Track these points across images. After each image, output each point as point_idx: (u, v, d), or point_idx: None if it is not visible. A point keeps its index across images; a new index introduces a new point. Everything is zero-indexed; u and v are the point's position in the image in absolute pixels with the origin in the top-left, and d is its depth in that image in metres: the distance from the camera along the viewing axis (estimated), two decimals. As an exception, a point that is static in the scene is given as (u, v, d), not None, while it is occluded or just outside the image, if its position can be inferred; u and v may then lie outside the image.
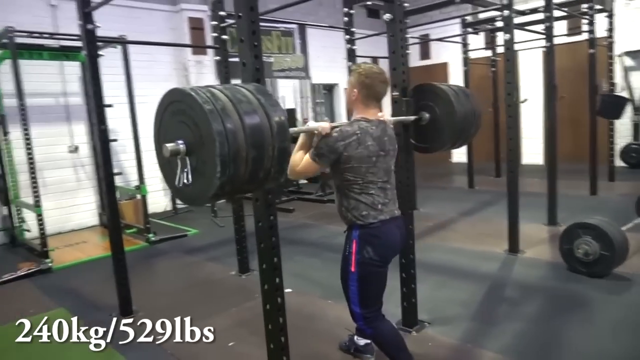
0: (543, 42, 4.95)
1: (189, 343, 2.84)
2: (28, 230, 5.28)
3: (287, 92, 8.78)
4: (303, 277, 3.91)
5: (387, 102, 2.35)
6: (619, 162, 7.79)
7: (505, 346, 2.58)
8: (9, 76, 4.47)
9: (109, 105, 5.96)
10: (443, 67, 10.09)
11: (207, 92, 1.59)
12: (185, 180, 1.65)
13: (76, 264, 4.64)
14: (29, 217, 5.14)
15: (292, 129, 1.99)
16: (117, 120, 6.04)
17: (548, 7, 4.69)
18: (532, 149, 8.68)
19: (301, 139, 2.14)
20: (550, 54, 4.72)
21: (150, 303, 3.51)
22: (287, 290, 3.58)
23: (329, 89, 9.72)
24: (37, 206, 4.45)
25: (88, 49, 3.10)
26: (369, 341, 2.48)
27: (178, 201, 6.89)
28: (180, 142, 1.62)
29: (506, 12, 3.87)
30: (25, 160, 4.54)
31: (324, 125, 2.04)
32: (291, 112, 8.49)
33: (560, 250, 3.59)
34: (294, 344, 2.74)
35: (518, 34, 4.35)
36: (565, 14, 5.56)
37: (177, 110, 1.65)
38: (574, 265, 3.50)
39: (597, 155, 6.07)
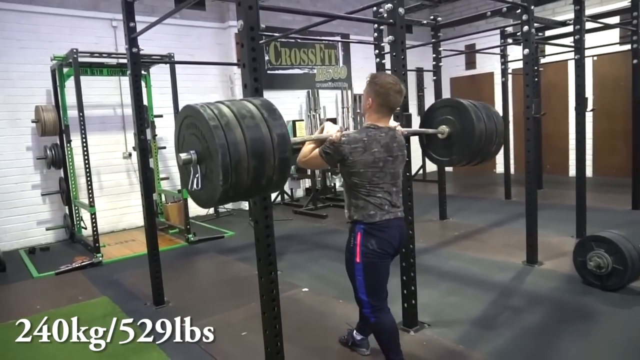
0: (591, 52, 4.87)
1: (202, 326, 3.15)
2: (84, 228, 5.88)
3: (329, 103, 9.08)
4: (322, 278, 4.14)
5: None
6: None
7: (496, 350, 2.68)
8: (73, 90, 5.04)
9: (160, 116, 6.59)
10: (489, 76, 9.99)
11: (214, 109, 1.79)
12: (195, 186, 1.87)
13: (123, 259, 5.14)
14: (86, 216, 5.72)
15: (305, 136, 2.28)
16: (167, 129, 6.61)
17: (578, 19, 4.66)
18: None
19: (318, 135, 2.31)
20: (580, 66, 4.68)
21: (180, 295, 3.89)
22: (304, 290, 3.89)
23: (371, 99, 9.90)
24: (91, 206, 4.98)
25: (132, 70, 3.52)
26: (365, 337, 2.69)
27: (220, 205, 7.35)
28: (192, 152, 1.85)
29: (525, 28, 3.93)
30: (83, 165, 5.09)
31: (336, 134, 2.19)
32: (333, 121, 8.74)
33: (574, 263, 3.60)
34: (299, 337, 3.01)
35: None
36: (599, 25, 5.46)
37: (190, 124, 1.88)
38: (587, 277, 3.50)
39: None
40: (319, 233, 5.83)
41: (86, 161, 5.01)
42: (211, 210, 7.36)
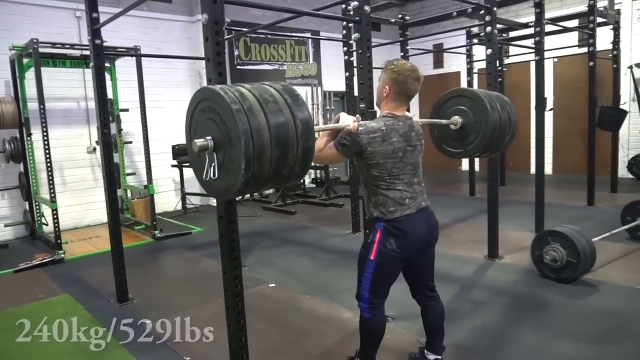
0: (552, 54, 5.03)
1: (166, 323, 3.15)
2: (46, 224, 5.72)
3: (299, 99, 9.07)
4: (290, 274, 4.17)
5: (415, 101, 2.49)
6: (626, 174, 7.80)
7: (457, 340, 2.77)
8: (34, 82, 4.88)
9: (125, 110, 6.45)
10: (456, 76, 10.21)
11: (235, 92, 1.65)
12: (212, 175, 1.72)
13: (87, 256, 5.02)
14: (47, 212, 5.55)
15: (322, 126, 2.17)
16: (133, 123, 6.48)
17: (539, 21, 4.82)
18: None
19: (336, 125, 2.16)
20: (540, 67, 4.84)
21: (145, 292, 3.84)
22: (270, 285, 3.90)
23: (341, 96, 9.95)
24: (52, 202, 4.85)
25: (95, 62, 3.44)
26: (439, 357, 2.43)
27: (187, 201, 7.26)
28: (209, 138, 1.70)
29: (488, 29, 4.04)
30: (43, 160, 4.94)
31: (353, 124, 2.06)
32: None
33: (531, 256, 3.74)
34: (265, 332, 3.02)
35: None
36: (559, 28, 5.66)
37: (206, 108, 1.72)
38: (543, 270, 3.64)
39: (596, 167, 6.13)
40: (288, 229, 5.85)
41: (47, 155, 4.87)
42: (179, 206, 7.27)
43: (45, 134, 4.85)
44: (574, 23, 6.77)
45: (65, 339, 3.06)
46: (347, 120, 2.09)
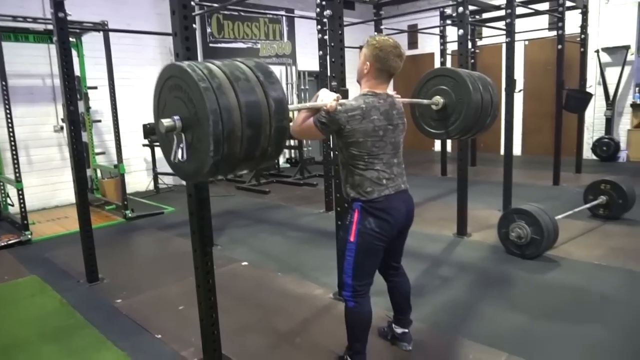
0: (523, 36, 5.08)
1: (143, 306, 3.15)
2: (11, 205, 5.56)
3: (273, 79, 8.99)
4: (262, 252, 4.19)
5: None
6: (591, 155, 8.05)
7: (424, 315, 2.85)
8: (-5, 57, 4.69)
9: (94, 88, 6.28)
10: (430, 57, 10.24)
11: (204, 69, 1.56)
12: (180, 157, 1.66)
13: (55, 237, 4.93)
14: (13, 192, 5.40)
15: (299, 105, 2.09)
16: (102, 102, 6.31)
17: (510, 3, 4.87)
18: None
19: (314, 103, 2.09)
20: (510, 49, 4.91)
21: (116, 271, 3.80)
22: (243, 264, 3.92)
23: (316, 76, 9.90)
24: (18, 181, 4.72)
25: (59, 36, 3.32)
26: (406, 330, 2.48)
27: (160, 181, 7.17)
28: (176, 117, 1.61)
29: (460, 9, 4.07)
30: (7, 139, 4.78)
31: (331, 103, 1.99)
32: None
33: (498, 234, 3.86)
34: (237, 309, 3.05)
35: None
36: (530, 11, 5.73)
37: (174, 86, 1.63)
38: (509, 247, 3.77)
39: (562, 148, 6.31)
40: (261, 208, 5.86)
41: (11, 134, 4.71)
42: (151, 186, 7.17)
43: (8, 111, 4.68)
44: (545, 6, 6.88)
45: (32, 320, 3.02)
46: (326, 99, 2.03)
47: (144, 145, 7.04)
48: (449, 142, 8.24)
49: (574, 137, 7.06)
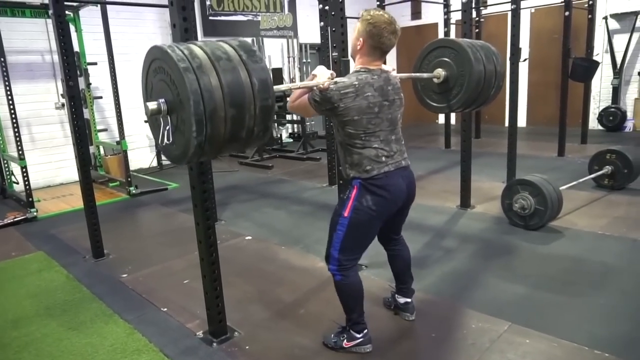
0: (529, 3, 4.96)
1: (148, 280, 3.18)
2: (16, 182, 5.59)
3: (274, 52, 8.88)
4: (266, 226, 4.21)
5: (392, 54, 2.29)
6: (597, 126, 7.96)
7: (428, 285, 2.87)
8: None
9: (93, 63, 6.22)
10: (434, 27, 10.06)
11: (185, 50, 1.56)
12: (167, 140, 1.66)
13: (60, 214, 4.96)
14: (17, 170, 5.42)
15: (292, 84, 2.08)
16: (102, 78, 6.26)
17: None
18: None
19: (306, 82, 2.07)
20: (515, 16, 4.79)
21: (121, 247, 3.84)
22: (247, 238, 3.94)
23: (317, 48, 9.77)
24: (21, 159, 4.72)
25: (54, 9, 3.27)
26: (409, 300, 2.49)
27: (163, 157, 7.17)
28: (162, 100, 1.62)
29: (464, -25, 3.96)
30: (9, 116, 4.77)
31: (325, 83, 1.97)
32: (278, 72, 8.61)
33: (502, 205, 3.85)
34: (241, 282, 3.08)
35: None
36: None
37: (158, 69, 1.63)
38: (512, 218, 3.76)
39: (567, 118, 6.24)
40: (264, 183, 5.86)
41: (12, 111, 4.70)
42: (154, 163, 7.17)
43: (8, 89, 4.66)
44: (552, -28, 6.68)
45: (40, 295, 3.07)
46: (320, 77, 2.00)
47: (145, 121, 7.00)
48: (452, 115, 8.16)
49: (580, 107, 6.97)
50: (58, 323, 2.68)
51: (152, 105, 1.62)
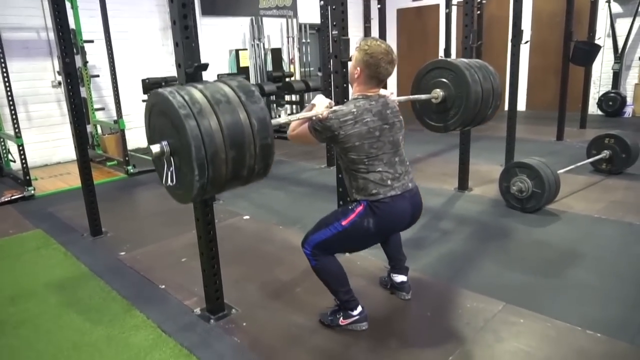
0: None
1: (146, 258, 3.20)
2: (13, 161, 5.58)
3: (274, 32, 8.77)
4: (264, 206, 4.22)
5: (392, 80, 2.26)
6: (596, 111, 7.94)
7: (424, 266, 2.90)
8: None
9: (90, 41, 6.14)
10: (435, 9, 9.93)
11: (185, 95, 1.60)
12: (170, 182, 1.69)
13: (58, 192, 4.96)
14: (13, 148, 5.40)
15: (291, 116, 2.12)
16: (99, 56, 6.20)
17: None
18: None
19: (305, 113, 2.15)
20: (518, -1, 4.74)
21: (119, 225, 3.85)
22: (245, 217, 3.95)
23: (317, 29, 9.66)
24: (17, 137, 4.69)
25: (49, -17, 3.21)
26: (405, 279, 2.52)
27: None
28: (164, 143, 1.65)
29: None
30: (5, 94, 4.72)
31: (324, 112, 2.03)
32: (277, 52, 8.53)
33: (499, 188, 3.86)
34: (239, 260, 3.10)
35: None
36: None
37: (159, 112, 1.67)
38: (510, 201, 3.78)
39: (567, 103, 6.21)
40: (262, 164, 5.84)
41: (8, 89, 4.66)
42: (151, 143, 7.14)
43: (3, 66, 4.61)
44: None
45: (38, 272, 3.08)
46: (318, 107, 2.07)
47: (143, 100, 6.93)
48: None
49: (580, 91, 6.94)
50: (56, 300, 2.70)
51: (156, 148, 1.66)
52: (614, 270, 2.74)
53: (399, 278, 2.54)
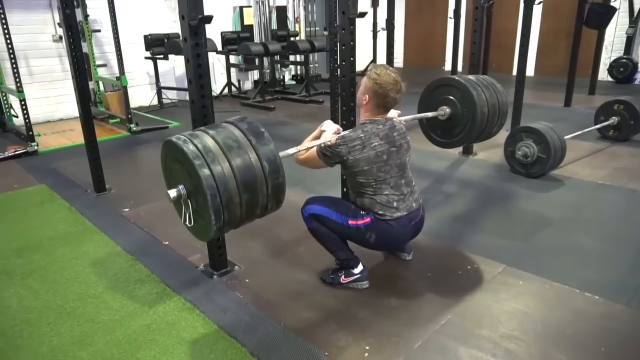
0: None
1: (150, 214, 3.22)
2: (15, 116, 5.55)
3: (278, -11, 8.53)
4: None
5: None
6: (606, 77, 7.78)
7: (426, 228, 2.83)
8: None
9: (89, -6, 5.96)
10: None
11: (198, 144, 1.63)
12: (187, 223, 1.76)
13: (61, 148, 4.96)
14: (16, 104, 5.35)
15: (299, 146, 2.10)
16: (101, 10, 6.05)
17: None
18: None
19: (314, 134, 2.20)
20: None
21: (123, 182, 3.86)
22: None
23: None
24: (19, 91, 4.65)
25: None
26: (409, 257, 2.56)
27: (164, 95, 7.07)
28: (181, 187, 1.71)
29: None
30: (5, 47, 4.64)
31: (331, 138, 2.07)
32: (282, 10, 8.32)
33: (504, 152, 3.83)
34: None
35: None
36: None
37: (174, 159, 1.72)
38: (514, 166, 3.76)
39: (578, 68, 6.08)
40: (266, 125, 5.66)
41: (9, 42, 4.57)
42: (155, 101, 7.08)
43: (3, 17, 4.51)
44: None
45: (43, 226, 3.11)
46: (326, 134, 2.11)
47: (146, 58, 6.85)
48: (460, 61, 7.94)
49: (591, 57, 6.77)
50: (61, 253, 2.74)
51: (173, 193, 1.71)
52: (615, 236, 2.75)
53: (405, 256, 2.56)
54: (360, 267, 2.28)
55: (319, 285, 2.34)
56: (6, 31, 4.54)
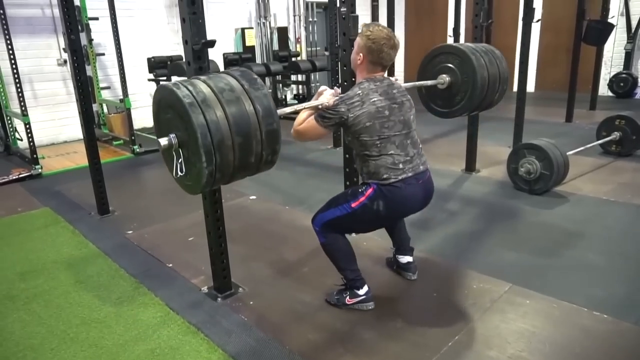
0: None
1: (153, 236, 3.22)
2: (20, 139, 5.59)
3: (280, 10, 8.66)
4: (270, 186, 4.22)
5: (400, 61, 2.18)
6: (607, 92, 7.82)
7: (431, 247, 2.90)
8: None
9: (95, 19, 6.09)
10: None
11: (189, 86, 1.64)
12: (180, 172, 1.73)
13: (65, 171, 4.98)
14: (20, 127, 5.40)
15: (297, 106, 2.13)
16: (105, 34, 6.14)
17: None
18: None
19: (311, 102, 2.13)
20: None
21: (126, 204, 3.87)
22: (251, 197, 3.96)
23: (324, 8, 9.51)
24: (24, 115, 4.70)
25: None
26: (411, 259, 2.53)
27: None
28: (172, 135, 1.69)
29: None
30: (11, 72, 4.71)
31: (329, 99, 2.04)
32: (283, 31, 8.44)
33: (507, 169, 3.83)
34: (245, 239, 3.12)
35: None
36: None
37: (166, 106, 1.71)
38: (517, 183, 3.75)
39: (578, 83, 6.11)
40: (268, 144, 5.82)
41: (14, 67, 4.64)
42: (157, 122, 7.12)
43: (9, 42, 4.58)
44: None
45: (47, 249, 3.11)
46: (323, 97, 2.08)
47: (149, 80, 6.92)
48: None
49: (590, 72, 6.81)
50: (65, 276, 2.73)
51: (164, 141, 1.70)
52: (621, 252, 2.73)
53: (405, 259, 2.54)
54: (365, 289, 2.26)
55: (323, 307, 2.32)
56: (12, 56, 4.61)
